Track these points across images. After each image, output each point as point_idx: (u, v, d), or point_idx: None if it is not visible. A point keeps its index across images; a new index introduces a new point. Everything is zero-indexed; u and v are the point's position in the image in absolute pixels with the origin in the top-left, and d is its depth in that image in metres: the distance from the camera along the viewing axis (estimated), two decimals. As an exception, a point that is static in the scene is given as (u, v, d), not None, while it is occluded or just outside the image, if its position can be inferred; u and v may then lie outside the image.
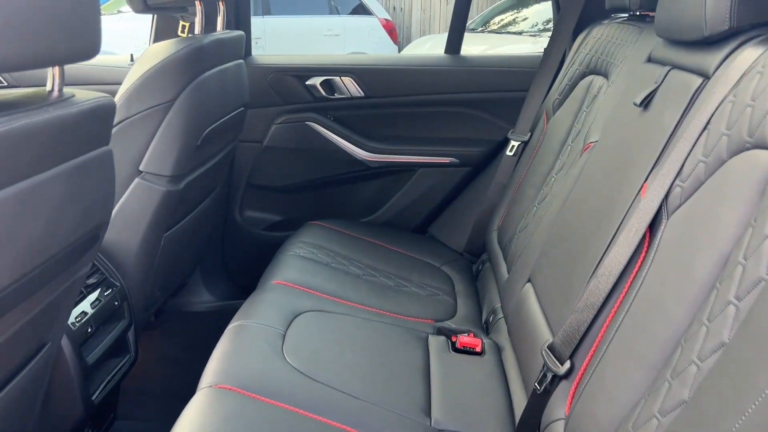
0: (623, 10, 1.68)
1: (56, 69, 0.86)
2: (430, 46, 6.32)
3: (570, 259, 1.24)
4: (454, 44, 2.27)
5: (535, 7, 6.53)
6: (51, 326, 1.10)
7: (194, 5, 1.66)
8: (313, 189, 2.36)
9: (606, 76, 1.61)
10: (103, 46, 0.87)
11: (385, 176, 2.33)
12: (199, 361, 1.29)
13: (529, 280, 1.43)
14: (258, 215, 2.34)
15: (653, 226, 0.98)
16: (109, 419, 1.63)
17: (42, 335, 1.09)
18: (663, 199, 0.98)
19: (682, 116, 1.08)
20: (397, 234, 2.18)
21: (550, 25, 2.60)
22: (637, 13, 1.63)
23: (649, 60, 1.36)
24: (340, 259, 1.83)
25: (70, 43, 0.80)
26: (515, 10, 6.95)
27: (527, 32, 6.25)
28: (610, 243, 1.09)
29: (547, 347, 1.12)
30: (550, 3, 2.21)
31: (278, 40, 6.78)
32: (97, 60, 2.35)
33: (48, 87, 0.87)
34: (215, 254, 2.34)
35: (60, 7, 0.76)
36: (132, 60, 2.18)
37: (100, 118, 0.94)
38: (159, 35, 2.06)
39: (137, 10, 1.54)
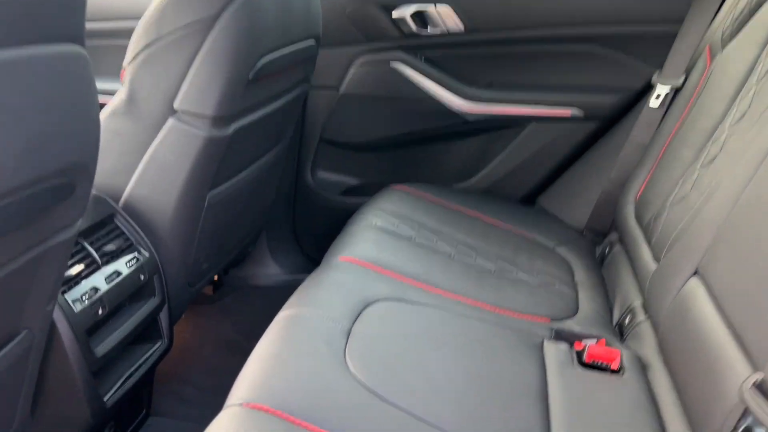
0: None
1: None
2: None
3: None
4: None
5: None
6: (20, 311, 0.80)
7: None
8: (398, 146, 1.98)
9: None
10: None
11: (487, 132, 1.90)
12: None
13: (696, 272, 1.01)
14: (333, 177, 2.01)
15: None
16: (140, 416, 1.35)
17: (7, 322, 0.79)
18: None
19: None
20: (499, 204, 1.80)
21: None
22: None
23: None
24: (426, 232, 1.46)
25: None
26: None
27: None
28: None
29: (756, 386, 0.73)
30: None
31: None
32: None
33: None
34: (284, 220, 2.03)
35: None
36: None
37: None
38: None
39: None
